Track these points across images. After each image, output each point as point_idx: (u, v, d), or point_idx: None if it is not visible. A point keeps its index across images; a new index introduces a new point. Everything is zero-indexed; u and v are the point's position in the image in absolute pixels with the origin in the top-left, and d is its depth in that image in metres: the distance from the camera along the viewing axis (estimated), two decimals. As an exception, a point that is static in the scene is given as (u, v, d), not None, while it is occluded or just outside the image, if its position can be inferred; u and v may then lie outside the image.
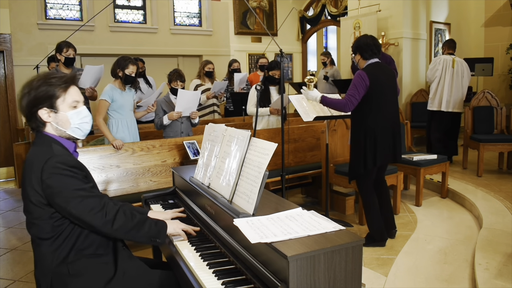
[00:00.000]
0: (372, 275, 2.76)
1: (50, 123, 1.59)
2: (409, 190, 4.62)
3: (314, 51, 11.15)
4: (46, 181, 1.47)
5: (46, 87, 1.54)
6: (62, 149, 1.57)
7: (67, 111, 1.58)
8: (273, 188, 3.90)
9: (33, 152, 1.56)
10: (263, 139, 1.63)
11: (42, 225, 1.52)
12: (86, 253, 1.58)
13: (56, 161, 1.49)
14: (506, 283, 2.46)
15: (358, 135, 3.10)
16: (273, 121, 4.30)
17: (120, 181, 3.31)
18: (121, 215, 1.57)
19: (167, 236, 1.71)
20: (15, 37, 6.58)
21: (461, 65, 5.41)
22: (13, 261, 3.26)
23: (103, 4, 6.61)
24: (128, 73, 3.53)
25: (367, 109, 3.04)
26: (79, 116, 1.61)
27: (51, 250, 1.53)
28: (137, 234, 1.60)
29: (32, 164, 1.51)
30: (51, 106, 1.56)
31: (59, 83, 1.56)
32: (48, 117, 1.57)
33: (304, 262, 1.20)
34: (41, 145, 1.56)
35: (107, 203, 1.56)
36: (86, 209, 1.50)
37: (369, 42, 3.09)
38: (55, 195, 1.48)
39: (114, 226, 1.54)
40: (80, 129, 1.63)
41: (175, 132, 3.86)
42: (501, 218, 3.52)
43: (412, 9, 6.57)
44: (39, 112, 1.55)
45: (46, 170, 1.47)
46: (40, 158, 1.50)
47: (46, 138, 1.59)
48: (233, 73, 5.79)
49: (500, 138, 5.01)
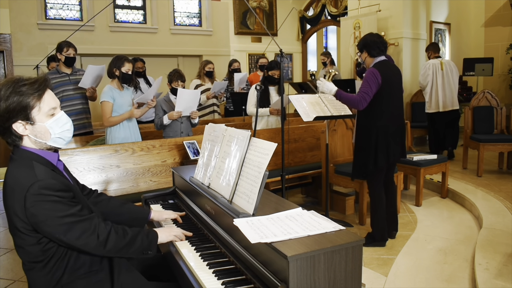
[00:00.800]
0: (372, 275, 2.76)
1: (27, 136, 1.43)
2: (409, 190, 4.62)
3: (314, 51, 11.16)
4: (30, 210, 1.35)
5: (17, 97, 1.37)
6: (45, 169, 1.42)
7: (45, 121, 1.43)
8: (273, 188, 3.90)
9: (13, 175, 1.41)
10: (263, 139, 1.63)
11: (31, 250, 1.43)
12: (81, 273, 1.51)
13: (39, 186, 1.35)
14: (506, 283, 2.46)
15: (368, 133, 3.11)
16: (273, 121, 4.30)
17: (120, 181, 3.31)
18: (113, 235, 1.48)
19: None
20: (15, 37, 6.59)
21: (449, 66, 5.71)
22: (13, 261, 3.26)
23: (103, 4, 6.62)
24: (124, 71, 3.53)
25: (378, 107, 3.05)
26: (59, 125, 1.46)
27: (44, 274, 1.46)
28: (129, 251, 1.53)
29: (13, 191, 1.38)
30: (26, 118, 1.39)
31: (31, 91, 1.39)
32: (24, 129, 1.41)
33: (304, 262, 1.20)
34: (21, 165, 1.42)
35: (98, 224, 1.46)
36: (76, 235, 1.40)
37: (375, 39, 3.11)
38: (41, 224, 1.37)
39: (106, 248, 1.46)
40: (62, 138, 1.49)
41: (174, 132, 3.86)
42: (501, 218, 3.52)
43: (412, 9, 6.57)
44: (13, 125, 1.39)
45: (29, 198, 1.35)
46: (22, 184, 1.36)
47: (25, 154, 1.44)
48: (233, 73, 5.79)
49: (500, 138, 5.01)
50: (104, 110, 3.52)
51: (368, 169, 3.14)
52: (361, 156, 3.19)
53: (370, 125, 3.10)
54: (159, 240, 1.63)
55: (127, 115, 3.57)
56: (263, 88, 3.99)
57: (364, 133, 3.16)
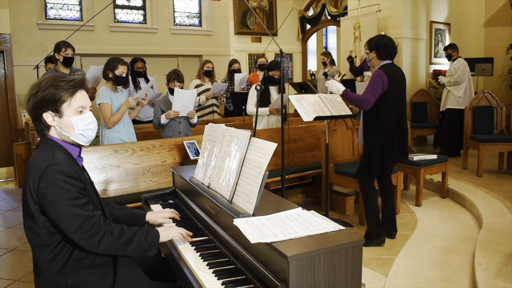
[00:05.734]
0: (372, 275, 2.76)
1: (54, 127, 1.55)
2: (409, 190, 4.62)
3: (314, 51, 11.16)
4: (42, 190, 1.44)
5: (53, 90, 1.51)
6: (64, 156, 1.52)
7: (72, 116, 1.55)
8: (273, 188, 3.90)
9: (34, 157, 1.52)
10: (263, 139, 1.63)
11: (39, 232, 1.49)
12: (84, 264, 1.54)
13: (54, 170, 1.45)
14: (506, 283, 2.46)
15: (375, 134, 3.13)
16: (273, 121, 4.31)
17: (120, 181, 3.31)
18: (107, 236, 1.51)
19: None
20: (15, 37, 6.58)
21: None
22: (13, 261, 3.26)
23: (103, 4, 6.61)
24: (118, 73, 3.53)
25: (384, 109, 3.08)
26: (83, 122, 1.57)
27: (49, 259, 1.50)
28: (125, 251, 1.55)
29: (32, 171, 1.48)
30: (56, 110, 1.53)
31: (67, 87, 1.53)
32: (52, 120, 1.54)
33: (304, 262, 1.20)
34: (44, 149, 1.53)
35: (96, 223, 1.50)
36: (74, 228, 1.45)
37: (388, 43, 3.13)
38: (48, 207, 1.45)
39: (99, 248, 1.49)
40: (84, 135, 1.59)
41: (173, 132, 3.86)
42: (501, 218, 3.52)
43: (412, 9, 6.57)
44: (44, 115, 1.52)
45: (44, 179, 1.44)
46: (40, 165, 1.46)
47: (49, 142, 1.56)
48: (233, 74, 5.78)
49: (500, 138, 5.01)
50: (104, 112, 3.52)
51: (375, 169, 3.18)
52: (367, 157, 3.21)
53: (376, 126, 3.13)
54: (160, 239, 1.64)
55: (124, 107, 3.56)
56: (263, 88, 3.99)
57: (370, 134, 3.18)
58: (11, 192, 5.57)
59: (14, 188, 5.83)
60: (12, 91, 6.57)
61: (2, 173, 6.48)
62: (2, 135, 6.58)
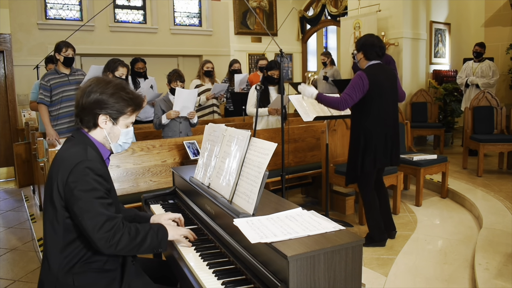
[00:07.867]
0: (372, 275, 2.76)
1: (102, 129, 1.61)
2: (409, 190, 4.62)
3: (314, 51, 11.15)
4: (70, 184, 1.45)
5: (120, 100, 1.58)
6: (96, 155, 1.55)
7: (122, 128, 1.64)
8: (273, 188, 3.90)
9: (66, 150, 1.54)
10: (263, 139, 1.63)
11: (56, 227, 1.50)
12: (93, 267, 1.54)
13: (86, 166, 1.47)
14: (506, 283, 2.46)
15: (357, 137, 3.09)
16: (273, 121, 4.30)
17: (120, 181, 3.31)
18: (125, 236, 1.50)
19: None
20: (15, 37, 6.58)
21: None
22: (13, 261, 3.26)
23: (103, 4, 6.61)
24: (118, 75, 3.52)
25: (366, 111, 3.02)
26: (126, 136, 1.67)
27: (60, 257, 1.50)
28: (140, 250, 1.55)
29: (62, 163, 1.49)
30: (114, 118, 1.60)
31: (132, 104, 1.62)
32: (104, 124, 1.59)
33: (304, 262, 1.20)
34: (77, 144, 1.55)
35: (117, 225, 1.49)
36: (96, 226, 1.44)
37: (375, 43, 3.04)
38: (73, 202, 1.45)
39: (117, 248, 1.48)
40: (122, 146, 1.68)
41: (173, 132, 3.86)
42: (501, 218, 3.52)
43: (412, 9, 6.57)
44: (101, 115, 1.58)
45: (74, 173, 1.45)
46: (72, 159, 1.48)
47: (84, 138, 1.59)
48: (233, 74, 5.78)
49: (500, 138, 5.01)
50: None
51: (357, 173, 3.12)
52: (350, 161, 3.18)
53: (358, 129, 3.07)
54: (169, 237, 1.65)
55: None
56: (263, 88, 3.99)
57: (353, 137, 3.14)
58: (11, 192, 5.57)
59: (14, 188, 5.82)
60: (12, 91, 6.57)
61: (2, 173, 6.48)
62: (2, 135, 6.58)
